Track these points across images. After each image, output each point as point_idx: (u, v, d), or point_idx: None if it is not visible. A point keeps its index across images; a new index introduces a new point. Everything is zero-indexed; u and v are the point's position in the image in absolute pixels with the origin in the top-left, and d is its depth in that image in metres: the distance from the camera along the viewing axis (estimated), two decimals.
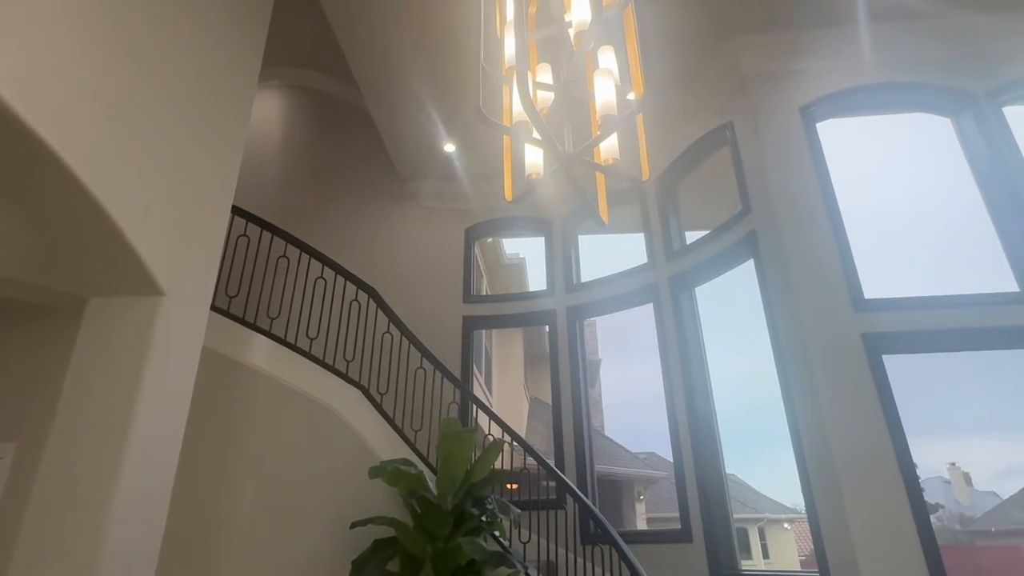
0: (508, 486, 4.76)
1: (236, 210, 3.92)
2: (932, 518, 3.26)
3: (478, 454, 3.51)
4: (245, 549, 3.41)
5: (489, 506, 3.24)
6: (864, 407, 3.30)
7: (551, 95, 1.63)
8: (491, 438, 3.73)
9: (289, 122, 6.50)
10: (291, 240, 4.09)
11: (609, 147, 1.58)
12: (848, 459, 3.19)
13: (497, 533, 3.51)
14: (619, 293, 5.11)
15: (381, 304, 4.18)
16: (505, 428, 3.93)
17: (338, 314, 4.08)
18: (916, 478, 3.17)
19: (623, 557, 3.20)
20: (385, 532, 3.32)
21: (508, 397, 10.54)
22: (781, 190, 3.88)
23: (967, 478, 5.27)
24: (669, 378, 4.56)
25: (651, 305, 4.90)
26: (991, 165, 3.86)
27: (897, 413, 3.29)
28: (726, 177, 4.38)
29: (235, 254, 4.01)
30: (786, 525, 14.65)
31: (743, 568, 3.89)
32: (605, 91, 1.50)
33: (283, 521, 3.48)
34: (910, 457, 3.20)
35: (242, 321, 3.84)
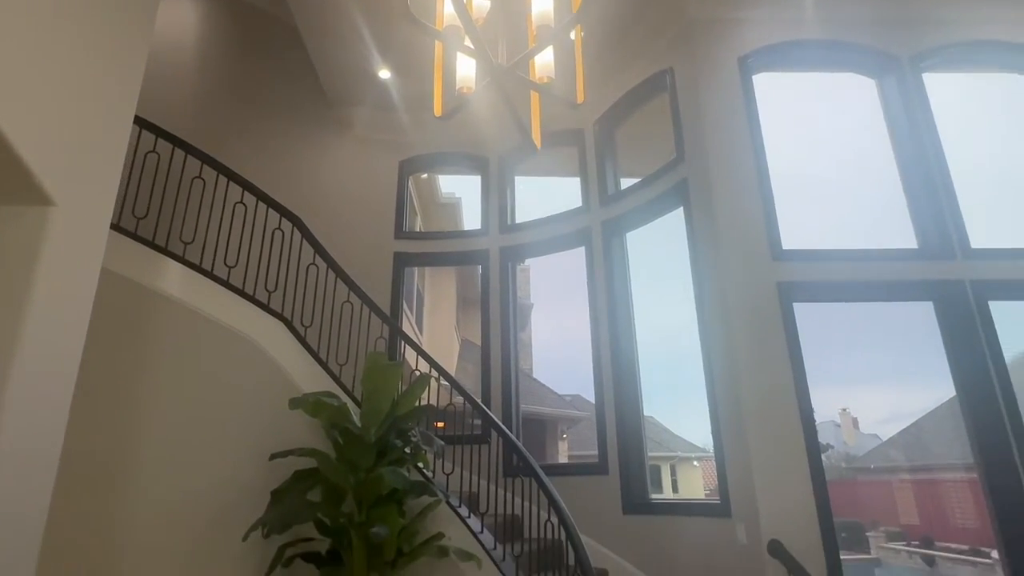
0: (436, 424, 4.82)
1: (144, 123, 3.59)
2: (823, 457, 3.55)
3: (404, 388, 3.50)
4: (157, 476, 3.30)
5: (413, 438, 3.26)
6: (773, 352, 3.51)
7: (487, 3, 1.53)
8: (419, 374, 3.72)
9: (210, 36, 5.94)
10: (206, 160, 3.79)
11: (544, 64, 1.51)
12: (755, 402, 3.41)
13: (421, 465, 3.56)
14: (553, 236, 5.13)
15: (306, 234, 4.00)
16: (433, 364, 3.92)
17: (259, 242, 3.87)
18: (813, 421, 3.43)
19: (542, 486, 3.33)
20: (306, 464, 3.29)
21: (439, 338, 10.56)
22: (715, 139, 3.93)
23: (855, 422, 5.81)
24: (596, 322, 4.68)
25: (583, 249, 4.95)
26: (906, 128, 4.06)
27: (801, 359, 3.53)
28: (664, 124, 4.39)
29: (143, 172, 3.70)
30: (695, 463, 15.78)
31: (653, 497, 4.14)
32: (542, 0, 1.42)
33: (198, 450, 3.38)
34: (809, 402, 3.45)
35: (152, 245, 3.58)
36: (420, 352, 4.07)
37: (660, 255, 4.73)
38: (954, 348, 3.67)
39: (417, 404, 3.43)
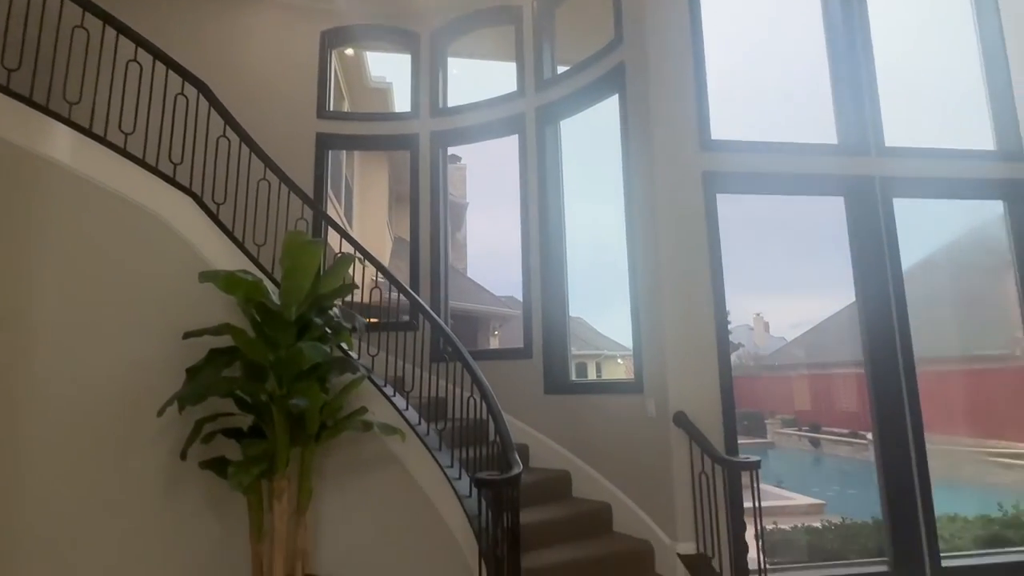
0: (369, 320, 4.77)
1: None
2: (733, 356, 3.78)
3: (327, 268, 3.39)
4: (52, 367, 3.12)
5: (335, 317, 3.21)
6: (694, 244, 3.60)
7: None
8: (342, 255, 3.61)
9: None
10: (87, 6, 3.30)
11: None
12: (674, 289, 3.53)
13: (344, 345, 3.54)
14: (486, 121, 4.94)
15: (213, 102, 3.64)
16: (356, 246, 3.80)
17: (160, 108, 3.50)
18: (725, 316, 3.61)
19: (466, 366, 3.40)
20: (224, 343, 3.20)
21: (370, 233, 10.28)
22: (654, 21, 3.78)
23: (767, 326, 6.24)
24: (526, 213, 4.65)
25: (516, 137, 4.81)
26: (841, 25, 4.05)
27: (720, 250, 3.65)
28: (606, 8, 4.18)
29: (10, 16, 3.19)
30: (619, 360, 16.73)
31: (572, 379, 4.36)
32: None
33: (100, 333, 3.20)
34: (723, 292, 3.61)
35: (30, 102, 3.16)
36: (344, 235, 3.93)
37: (593, 152, 4.67)
38: (858, 246, 3.90)
39: (341, 284, 3.35)
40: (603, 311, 4.70)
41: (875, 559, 3.65)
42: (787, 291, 4.63)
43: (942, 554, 3.59)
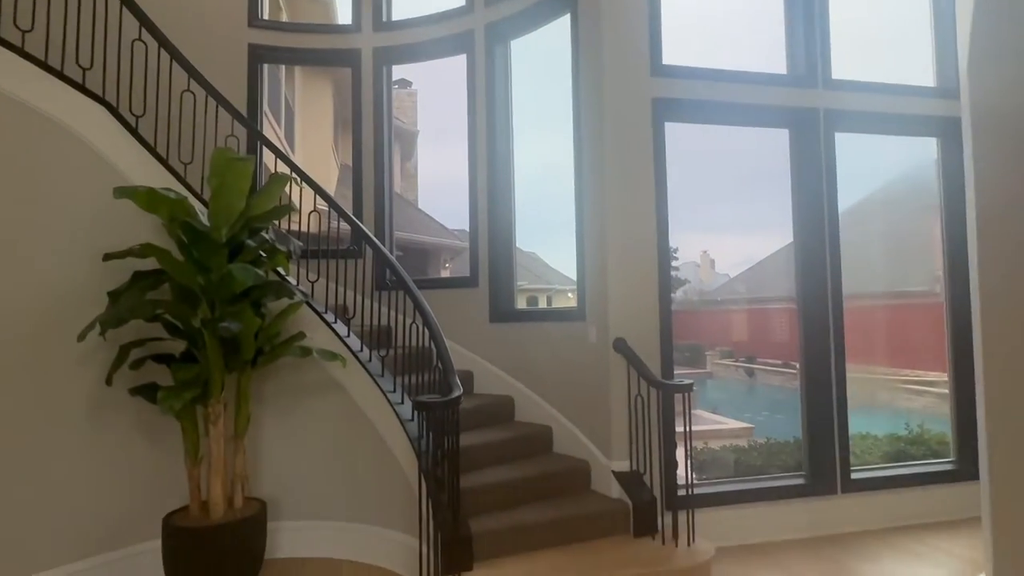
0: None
1: None
2: (680, 291, 3.83)
3: (260, 190, 3.21)
4: None
5: (268, 239, 3.07)
6: (641, 173, 3.57)
7: None
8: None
9: None
10: None
11: None
12: (618, 225, 3.52)
13: (281, 270, 3.42)
14: (433, 38, 4.67)
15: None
16: (293, 168, 3.60)
17: (62, 4, 3.13)
18: (668, 245, 3.63)
19: (408, 292, 3.35)
20: (149, 266, 3.03)
21: (314, 159, 9.83)
22: None
23: (712, 263, 6.39)
24: (474, 140, 4.51)
25: (464, 57, 4.58)
26: None
27: (666, 183, 3.64)
28: None
29: None
30: (569, 295, 17.01)
31: (517, 308, 4.39)
32: None
33: (16, 250, 2.95)
34: (667, 227, 3.62)
35: None
36: (279, 155, 3.72)
37: (544, 77, 4.50)
38: (799, 180, 3.97)
39: (276, 205, 3.19)
40: (555, 246, 4.69)
41: (794, 473, 3.93)
42: (732, 230, 4.73)
43: (852, 467, 3.90)
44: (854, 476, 3.88)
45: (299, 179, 3.57)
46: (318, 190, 3.61)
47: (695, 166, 3.98)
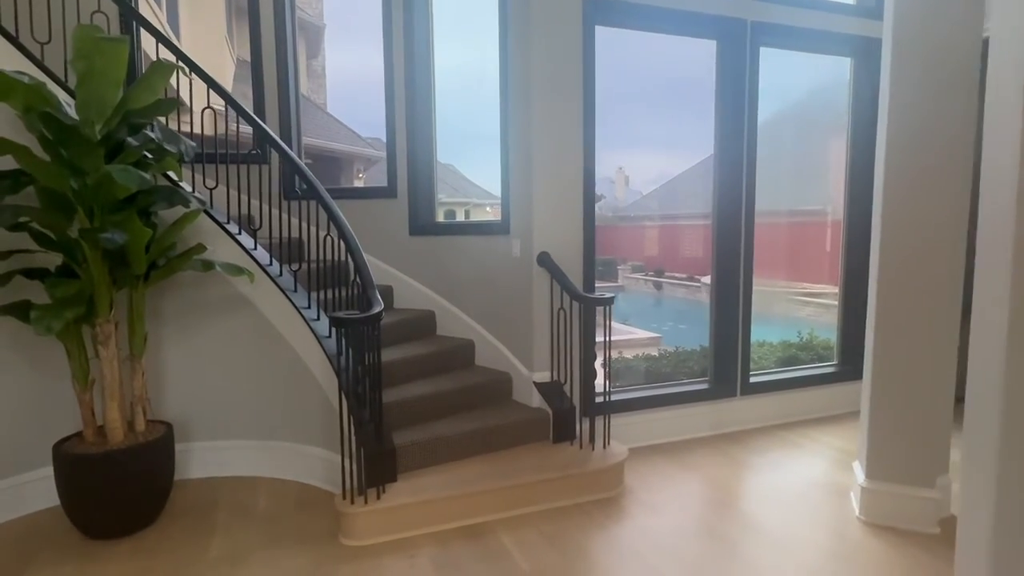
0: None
1: None
2: (596, 206, 3.78)
3: (138, 79, 2.77)
4: None
5: (153, 138, 2.68)
6: (568, 80, 3.40)
7: None
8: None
9: None
10: None
11: None
12: (544, 136, 3.36)
13: (173, 175, 3.05)
14: None
15: None
16: (179, 55, 3.13)
17: None
18: (594, 158, 3.54)
19: (321, 202, 3.10)
20: (7, 167, 2.59)
21: (205, 51, 8.74)
22: None
23: (627, 180, 6.43)
24: (391, 42, 4.11)
25: None
26: None
27: (594, 92, 3.49)
28: None
29: None
30: (488, 209, 16.85)
31: (438, 220, 4.23)
32: None
33: None
34: (593, 140, 3.51)
35: None
36: (161, 39, 3.20)
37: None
38: (724, 95, 3.96)
39: (160, 99, 2.78)
40: (473, 159, 4.51)
41: (699, 379, 4.21)
42: (647, 147, 4.74)
43: (751, 372, 4.23)
44: (752, 380, 4.21)
45: (187, 70, 3.11)
46: (211, 84, 3.18)
47: (613, 81, 3.87)
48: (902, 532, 2.73)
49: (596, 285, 3.70)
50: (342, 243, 3.02)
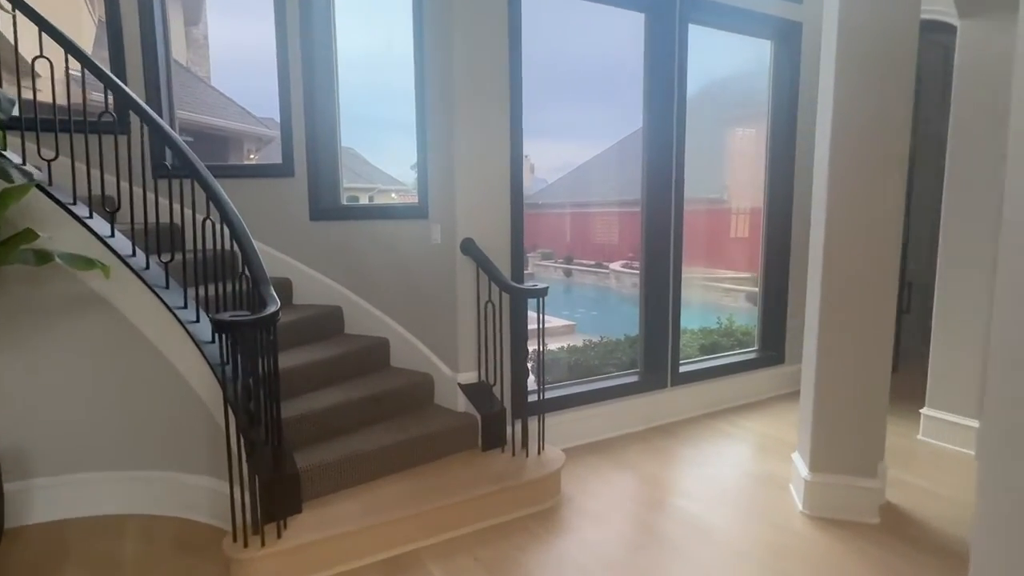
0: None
1: None
2: None
3: None
4: None
5: None
6: (493, 56, 3.04)
7: None
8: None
9: None
10: None
11: None
12: (468, 113, 2.99)
13: None
14: None
15: None
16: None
17: None
18: (521, 137, 3.20)
19: (199, 180, 2.54)
20: None
21: (58, 9, 7.46)
22: None
23: (533, 168, 6.24)
24: (283, 9, 3.54)
25: None
26: None
27: (520, 66, 3.14)
28: None
29: None
30: (394, 195, 16.15)
31: (345, 203, 3.72)
32: None
33: None
34: (520, 118, 3.17)
35: None
36: None
37: None
38: (651, 72, 3.76)
39: None
40: (381, 144, 4.07)
41: (629, 371, 4.03)
42: (550, 136, 4.56)
43: (680, 362, 4.11)
44: (682, 369, 4.09)
45: (7, 5, 2.41)
46: (43, 26, 2.50)
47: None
48: (846, 524, 2.65)
49: None
50: (227, 229, 2.48)
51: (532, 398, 3.12)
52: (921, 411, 3.64)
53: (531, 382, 3.35)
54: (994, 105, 3.18)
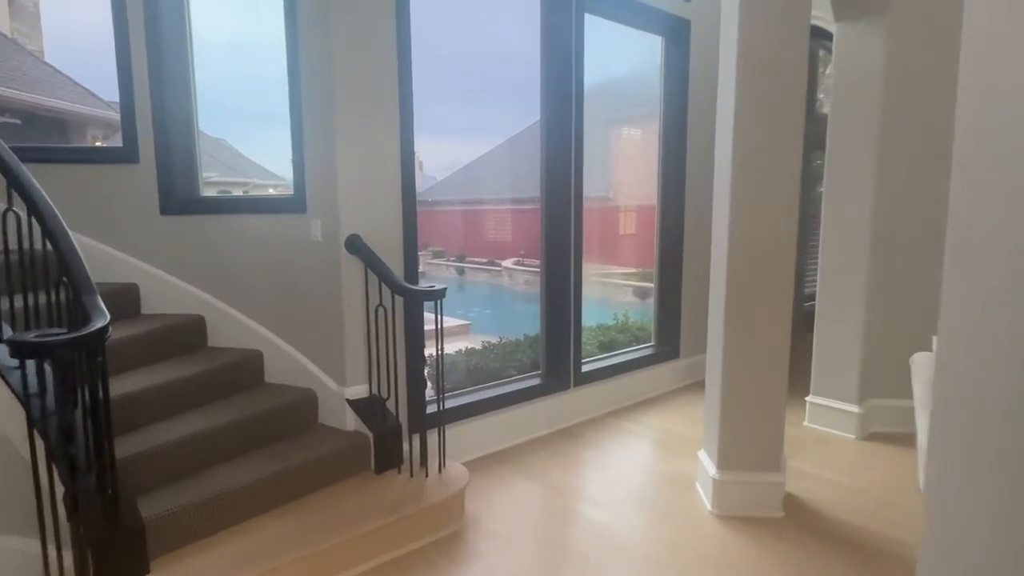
0: None
1: None
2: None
3: None
4: None
5: None
6: (380, 28, 2.71)
7: None
8: None
9: None
10: None
11: None
12: (349, 100, 2.63)
13: None
14: None
15: None
16: None
17: None
18: (411, 124, 2.89)
19: (3, 169, 1.99)
20: None
21: None
22: None
23: (421, 165, 6.01)
24: None
25: None
26: None
27: (410, 43, 2.84)
28: None
29: None
30: (271, 190, 15.02)
31: (204, 194, 3.19)
32: None
33: None
34: (411, 105, 2.86)
35: None
36: None
37: None
38: (548, 62, 3.60)
39: None
40: (256, 137, 3.60)
41: (531, 373, 3.85)
42: (439, 133, 4.35)
43: (583, 361, 4.00)
44: (584, 368, 3.98)
45: None
46: None
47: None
48: (754, 521, 2.63)
49: None
50: (37, 223, 1.95)
51: (431, 408, 2.83)
52: (807, 399, 3.79)
53: (429, 392, 3.07)
54: (870, 105, 3.35)
